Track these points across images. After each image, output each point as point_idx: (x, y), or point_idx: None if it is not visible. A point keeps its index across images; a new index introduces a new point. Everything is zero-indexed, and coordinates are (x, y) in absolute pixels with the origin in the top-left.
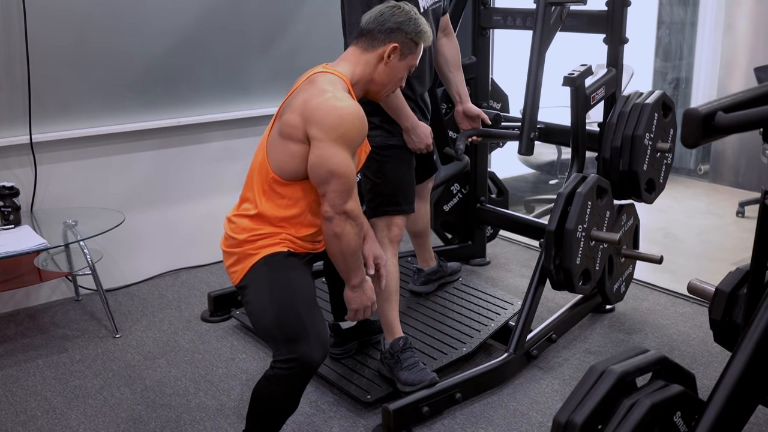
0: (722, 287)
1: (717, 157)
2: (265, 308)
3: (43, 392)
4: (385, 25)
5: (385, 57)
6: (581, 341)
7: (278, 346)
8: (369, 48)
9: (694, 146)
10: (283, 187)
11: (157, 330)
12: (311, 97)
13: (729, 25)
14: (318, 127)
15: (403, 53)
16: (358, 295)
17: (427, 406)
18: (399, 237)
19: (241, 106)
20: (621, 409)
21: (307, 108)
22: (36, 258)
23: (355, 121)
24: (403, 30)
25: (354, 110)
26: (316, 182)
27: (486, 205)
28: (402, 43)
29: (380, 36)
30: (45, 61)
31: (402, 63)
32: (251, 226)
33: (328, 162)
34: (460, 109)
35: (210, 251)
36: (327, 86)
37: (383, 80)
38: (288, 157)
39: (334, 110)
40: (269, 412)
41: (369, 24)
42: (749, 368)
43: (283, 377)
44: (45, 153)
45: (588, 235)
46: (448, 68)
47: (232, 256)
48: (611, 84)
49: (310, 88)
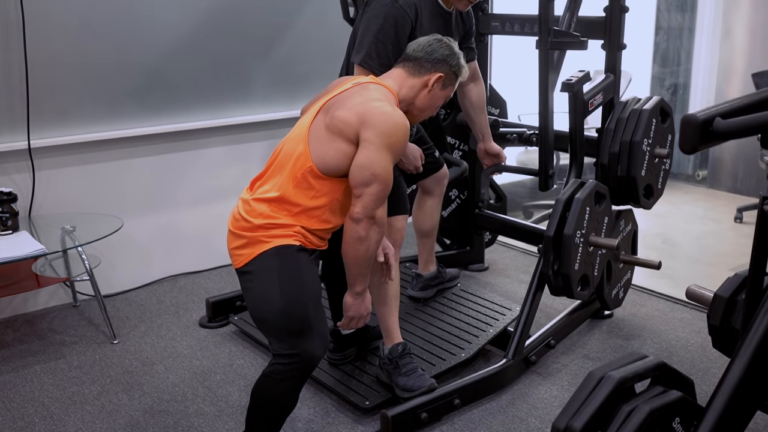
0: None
1: (715, 163)
2: (273, 299)
3: (41, 398)
4: (432, 55)
5: (430, 84)
6: (580, 347)
7: (280, 339)
8: (415, 73)
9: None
10: (316, 180)
11: (155, 336)
12: (368, 101)
13: (726, 31)
14: (372, 130)
15: (445, 84)
16: (359, 303)
17: (425, 413)
18: (400, 241)
19: (240, 112)
20: (620, 415)
21: (365, 110)
22: (34, 264)
23: (405, 133)
24: (448, 63)
25: (405, 122)
26: (357, 183)
27: (484, 211)
28: (446, 74)
29: (427, 65)
30: (43, 67)
31: (442, 93)
32: (269, 212)
33: (375, 165)
34: (482, 147)
35: (208, 257)
36: (382, 96)
37: (423, 105)
38: (333, 152)
39: (391, 118)
40: (269, 410)
41: (416, 52)
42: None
43: (282, 372)
44: (43, 158)
45: (586, 241)
46: (474, 111)
47: (240, 239)
48: (609, 90)
49: (365, 93)
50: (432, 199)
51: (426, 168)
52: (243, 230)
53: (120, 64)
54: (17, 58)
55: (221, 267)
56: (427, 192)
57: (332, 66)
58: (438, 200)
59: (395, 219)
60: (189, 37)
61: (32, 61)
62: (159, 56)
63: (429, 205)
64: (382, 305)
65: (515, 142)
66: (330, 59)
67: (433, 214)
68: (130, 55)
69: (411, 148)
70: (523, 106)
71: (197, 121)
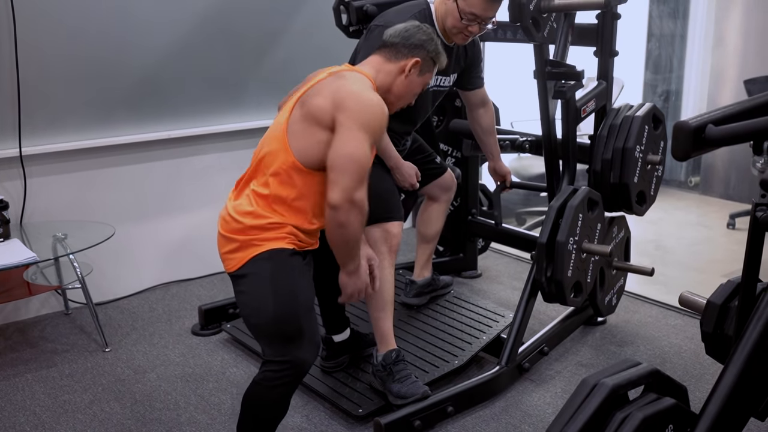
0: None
1: (707, 169)
2: (265, 304)
3: (32, 407)
4: (409, 40)
5: (406, 70)
6: (573, 354)
7: (271, 344)
8: (392, 59)
9: (685, 159)
10: (300, 175)
11: (147, 344)
12: (342, 86)
13: (719, 38)
14: (346, 113)
15: (422, 70)
16: (354, 279)
17: (419, 420)
18: (396, 246)
19: (232, 119)
20: (613, 422)
21: (339, 95)
22: (25, 271)
23: (380, 113)
24: (425, 48)
25: (381, 103)
26: (334, 166)
27: (477, 218)
28: (423, 60)
29: (404, 50)
30: (35, 74)
31: (419, 79)
32: (259, 211)
33: (349, 146)
34: (492, 166)
35: (200, 264)
36: (357, 81)
37: (400, 92)
38: (313, 143)
39: (365, 100)
40: (260, 417)
41: (393, 38)
42: (741, 381)
43: (273, 379)
44: (34, 166)
45: (579, 248)
46: (484, 134)
47: (231, 242)
48: (602, 97)
49: (339, 81)
50: (438, 205)
51: (428, 174)
52: (234, 233)
53: (112, 71)
54: (8, 64)
55: (213, 274)
56: (433, 198)
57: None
58: (444, 206)
59: (391, 225)
60: (182, 43)
61: (24, 67)
62: (152, 63)
63: (434, 211)
64: (378, 311)
65: (508, 149)
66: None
67: (438, 219)
68: (122, 61)
69: (406, 165)
70: (515, 113)
71: (190, 128)
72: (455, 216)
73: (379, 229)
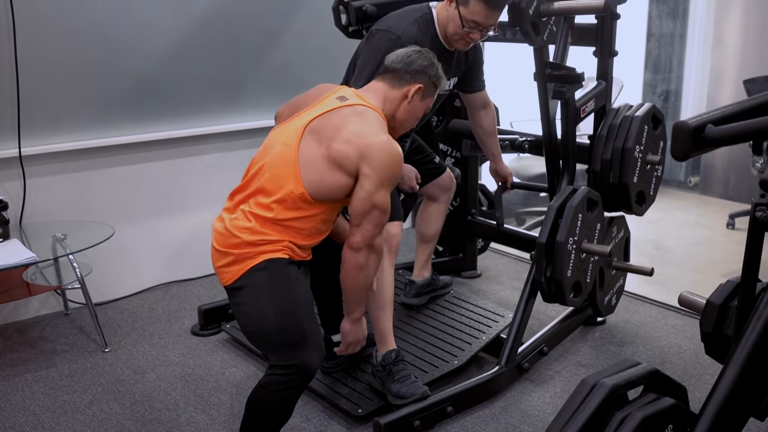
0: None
1: (707, 169)
2: (265, 312)
3: (32, 407)
4: (411, 66)
5: (410, 96)
6: (573, 354)
7: (275, 352)
8: (395, 85)
9: (684, 159)
10: (307, 204)
11: (146, 344)
12: (366, 135)
13: (718, 38)
14: (372, 166)
15: (424, 95)
16: (356, 328)
17: (418, 420)
18: (396, 246)
19: (231, 119)
20: (613, 422)
21: (365, 146)
22: (25, 272)
23: (401, 163)
24: (427, 73)
25: (401, 154)
26: (358, 213)
27: (477, 218)
28: (425, 85)
29: (406, 76)
30: (34, 74)
31: (422, 104)
32: (258, 228)
33: (375, 198)
34: (493, 167)
35: (200, 265)
36: (378, 126)
37: (404, 118)
38: (331, 183)
39: (389, 152)
40: (264, 421)
41: (395, 63)
42: (741, 381)
43: (279, 383)
44: (34, 166)
45: (579, 248)
46: (486, 136)
47: (227, 256)
48: (601, 97)
49: (362, 123)
50: (437, 205)
51: (427, 174)
52: (230, 247)
53: (112, 71)
54: (8, 65)
55: (213, 275)
56: (432, 198)
57: (325, 72)
58: (443, 206)
59: (391, 225)
60: (181, 43)
61: (23, 68)
62: (151, 63)
63: (433, 211)
64: (378, 310)
65: (507, 149)
66: (323, 65)
67: (437, 219)
68: (121, 62)
69: (406, 168)
70: (515, 113)
71: (189, 128)
72: (455, 216)
73: None
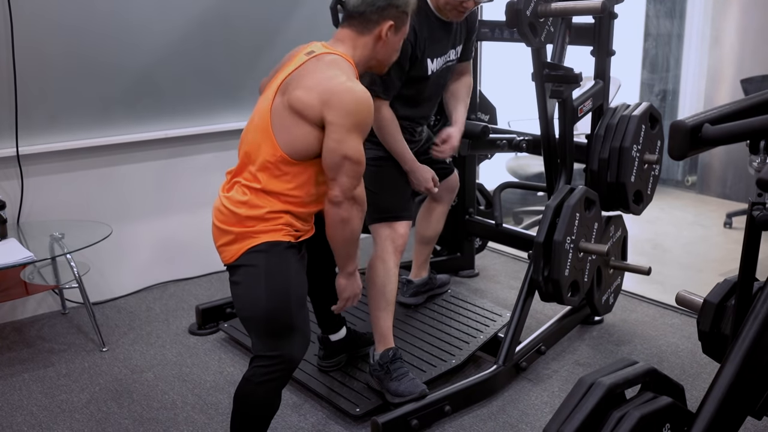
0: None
1: (704, 169)
2: (258, 298)
3: (29, 407)
4: (375, 4)
5: (383, 36)
6: (570, 353)
7: (261, 339)
8: (364, 31)
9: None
10: (290, 166)
11: (144, 343)
12: (327, 79)
13: (716, 38)
14: (336, 112)
15: (398, 27)
16: (351, 282)
17: (416, 419)
18: (402, 247)
19: (229, 118)
20: (610, 421)
21: (325, 91)
22: (22, 271)
23: (369, 108)
24: (393, 5)
25: (368, 97)
26: (330, 166)
27: (474, 217)
28: (396, 19)
29: (374, 17)
30: (32, 73)
31: (398, 36)
32: (254, 200)
33: (345, 146)
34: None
35: (198, 264)
36: (339, 69)
37: (384, 56)
38: (301, 137)
39: (353, 97)
40: (251, 414)
41: (358, 6)
42: (738, 379)
43: (262, 375)
44: (32, 165)
45: (576, 247)
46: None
47: (227, 234)
48: (599, 96)
49: (323, 68)
50: (440, 206)
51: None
52: (230, 225)
53: (109, 71)
54: (5, 63)
55: (211, 274)
56: (436, 199)
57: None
58: (446, 208)
59: (398, 224)
60: (179, 43)
61: (20, 66)
62: (149, 62)
63: (436, 212)
64: (379, 310)
65: (505, 148)
66: None
67: (438, 221)
68: (119, 61)
69: (422, 169)
70: (512, 112)
71: (187, 127)
72: (453, 215)
73: (387, 227)
